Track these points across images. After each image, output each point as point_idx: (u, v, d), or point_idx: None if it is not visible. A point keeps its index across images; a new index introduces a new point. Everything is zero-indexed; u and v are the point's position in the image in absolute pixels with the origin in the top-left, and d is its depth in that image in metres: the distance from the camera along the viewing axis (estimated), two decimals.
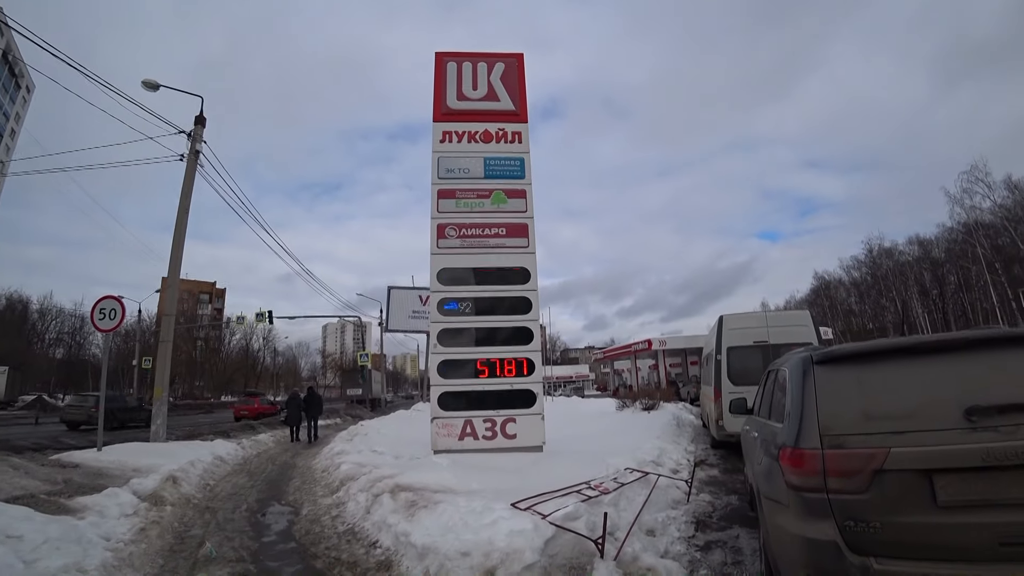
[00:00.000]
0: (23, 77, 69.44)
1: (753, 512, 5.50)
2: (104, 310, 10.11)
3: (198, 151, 13.62)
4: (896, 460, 2.56)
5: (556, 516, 4.18)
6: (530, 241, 9.51)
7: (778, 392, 3.69)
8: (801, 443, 2.80)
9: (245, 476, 9.55)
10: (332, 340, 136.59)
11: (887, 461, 2.56)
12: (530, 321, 9.18)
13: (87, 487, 7.24)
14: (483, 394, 8.82)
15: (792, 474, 2.80)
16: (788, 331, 9.53)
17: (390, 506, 5.20)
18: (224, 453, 11.05)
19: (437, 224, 9.48)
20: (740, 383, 9.34)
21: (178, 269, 12.87)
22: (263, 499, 7.52)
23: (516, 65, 10.58)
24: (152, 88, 13.86)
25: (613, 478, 6.02)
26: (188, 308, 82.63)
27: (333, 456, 9.74)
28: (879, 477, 2.56)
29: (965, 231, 43.83)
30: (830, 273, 65.38)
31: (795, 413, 2.97)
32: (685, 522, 5.25)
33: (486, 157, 9.92)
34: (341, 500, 6.46)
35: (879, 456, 2.58)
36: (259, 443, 14.32)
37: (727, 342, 9.80)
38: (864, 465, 2.59)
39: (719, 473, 8.27)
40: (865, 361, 2.93)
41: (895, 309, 53.68)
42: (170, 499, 6.82)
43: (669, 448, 9.14)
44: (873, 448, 2.61)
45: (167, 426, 12.43)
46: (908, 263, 54.13)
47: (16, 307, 59.53)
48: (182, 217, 12.98)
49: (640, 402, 16.81)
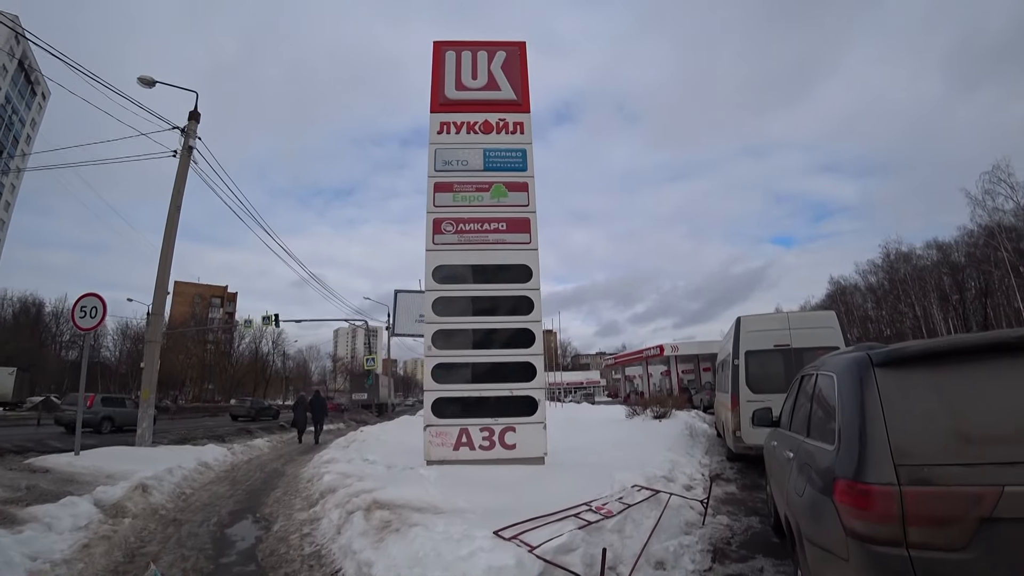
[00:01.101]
0: (39, 84, 70.34)
1: (778, 539, 4.82)
2: (85, 308, 9.65)
3: (191, 147, 13.18)
4: (1013, 504, 1.84)
5: (546, 548, 3.51)
6: (532, 237, 8.90)
7: (816, 403, 2.99)
8: (867, 475, 2.09)
9: (227, 484, 8.97)
10: (343, 344, 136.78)
11: (999, 505, 1.84)
12: (532, 322, 8.55)
13: (49, 494, 6.75)
14: (480, 400, 8.21)
15: (854, 518, 2.09)
16: (812, 334, 8.77)
17: (360, 527, 4.57)
18: (211, 459, 10.51)
19: (433, 219, 8.92)
20: (760, 390, 8.63)
21: (168, 268, 12.40)
22: (237, 511, 6.93)
23: (518, 53, 10.01)
24: (148, 84, 13.53)
25: (618, 497, 5.34)
26: (200, 312, 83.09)
27: (321, 464, 9.14)
28: (987, 528, 1.85)
29: (987, 234, 42.48)
30: (846, 278, 63.94)
31: (851, 433, 2.26)
32: (700, 551, 4.55)
33: (486, 148, 9.34)
34: (317, 516, 5.84)
35: (988, 498, 1.86)
36: (252, 448, 13.79)
37: (745, 346, 9.06)
38: (965, 510, 1.88)
39: (737, 490, 7.56)
40: (951, 363, 2.20)
41: (913, 315, 52.31)
42: (133, 510, 6.26)
43: (682, 461, 8.45)
44: (978, 486, 1.90)
45: (159, 430, 11.96)
46: (927, 267, 52.71)
47: (30, 310, 60.11)
48: (173, 215, 12.53)
49: (651, 410, 16.09)
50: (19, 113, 68.40)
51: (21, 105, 68.93)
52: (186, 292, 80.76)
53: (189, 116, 13.56)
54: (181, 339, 60.20)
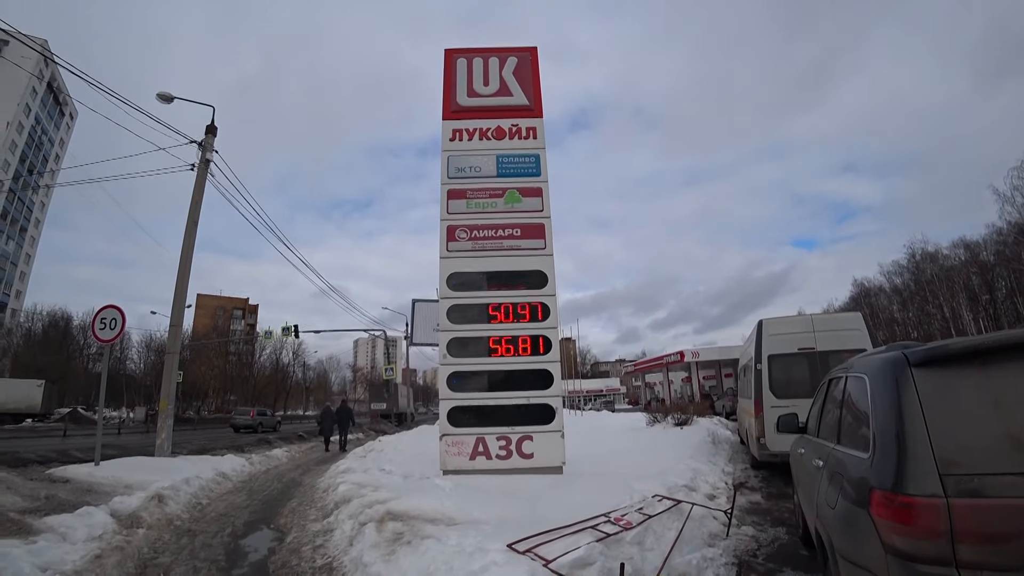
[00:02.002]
0: (67, 105, 72.45)
1: (807, 551, 4.59)
2: (105, 320, 9.75)
3: (209, 160, 13.34)
4: None
5: (561, 563, 3.36)
6: (547, 242, 8.78)
7: (847, 408, 2.80)
8: (908, 486, 1.90)
9: (244, 495, 8.94)
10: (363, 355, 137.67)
11: None
12: (548, 328, 8.41)
13: (68, 504, 6.80)
14: (497, 409, 8.08)
15: (895, 534, 1.90)
16: (838, 336, 8.48)
17: (372, 539, 4.46)
18: (229, 469, 10.52)
19: (447, 226, 8.86)
20: (784, 396, 8.37)
21: (186, 280, 12.50)
22: (252, 521, 6.87)
23: (529, 59, 9.95)
24: (166, 100, 13.79)
25: (638, 508, 5.15)
26: (222, 324, 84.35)
27: (337, 474, 9.08)
28: None
29: (1017, 231, 41.26)
30: (870, 280, 62.56)
31: (888, 440, 2.08)
32: (725, 564, 4.34)
33: (499, 154, 9.27)
34: (330, 526, 5.74)
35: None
36: (270, 458, 13.78)
37: (768, 350, 8.79)
38: (1022, 526, 1.70)
39: (762, 499, 7.30)
40: (998, 360, 2.01)
41: (942, 316, 50.92)
42: (148, 520, 6.23)
43: (704, 469, 8.21)
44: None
45: (181, 440, 12.03)
46: (954, 267, 51.33)
47: (59, 324, 61.52)
48: (191, 227, 12.67)
49: (672, 417, 15.76)
50: (48, 133, 70.47)
51: (50, 126, 71.04)
52: (208, 305, 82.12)
53: (206, 130, 13.73)
54: (203, 351, 61.05)
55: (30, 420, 35.72)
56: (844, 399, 3.00)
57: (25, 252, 68.68)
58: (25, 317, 62.70)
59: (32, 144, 66.40)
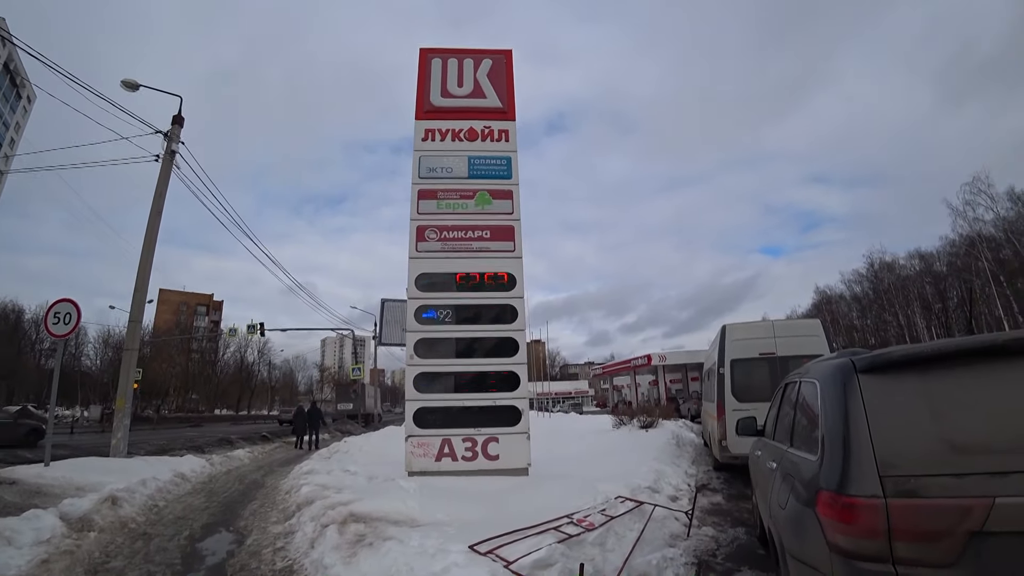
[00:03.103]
0: (24, 88, 69.51)
1: (764, 550, 4.72)
2: (59, 314, 9.38)
3: (174, 151, 12.99)
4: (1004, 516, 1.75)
5: (523, 564, 3.39)
6: (516, 245, 8.82)
7: (800, 412, 2.90)
8: (850, 487, 1.99)
9: (203, 496, 8.72)
10: (331, 354, 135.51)
11: (990, 518, 1.75)
12: (515, 331, 8.45)
13: (14, 507, 6.52)
14: (463, 410, 8.08)
15: (838, 533, 1.98)
16: (797, 342, 8.75)
17: (333, 541, 4.41)
18: (188, 470, 10.25)
19: (416, 226, 8.82)
20: (745, 399, 8.57)
21: (147, 274, 12.12)
22: (211, 524, 6.71)
23: (504, 62, 9.98)
24: (132, 88, 13.36)
25: (601, 509, 5.22)
26: (185, 320, 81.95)
27: (301, 476, 8.92)
28: (977, 542, 1.76)
29: (968, 243, 43.13)
30: (831, 288, 64.49)
31: (835, 442, 2.17)
32: (684, 564, 4.43)
33: (470, 156, 9.28)
34: (292, 529, 5.65)
35: (977, 510, 1.77)
36: (231, 459, 13.46)
37: (730, 354, 9.01)
38: (954, 524, 1.79)
39: (723, 500, 7.47)
40: (936, 367, 2.12)
41: (897, 323, 52.83)
42: (101, 523, 6.02)
43: (667, 471, 8.35)
44: (967, 498, 1.81)
45: (138, 441, 11.66)
46: (910, 277, 53.36)
47: (9, 316, 58.84)
48: (154, 219, 12.30)
49: (638, 419, 15.96)
50: (3, 116, 67.49)
51: (5, 108, 68.02)
52: (171, 300, 79.60)
53: (173, 120, 13.37)
54: (165, 348, 59.24)
55: None
56: (798, 403, 3.11)
57: None
58: None
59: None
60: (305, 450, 17.45)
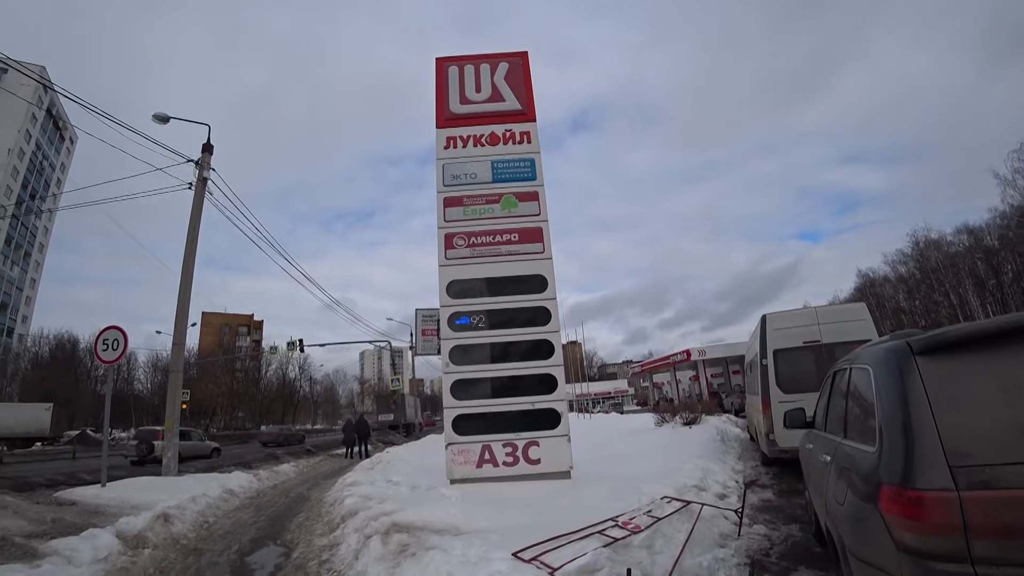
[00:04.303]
0: (67, 130, 73.03)
1: (821, 548, 4.51)
2: (107, 341, 9.74)
3: (206, 178, 13.37)
4: None
5: (568, 570, 3.30)
6: (545, 246, 8.73)
7: (852, 400, 2.73)
8: (917, 480, 1.83)
9: (252, 511, 8.89)
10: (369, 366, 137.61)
11: None
12: (550, 333, 8.35)
13: (74, 527, 6.74)
14: (501, 415, 8.00)
15: (906, 530, 1.82)
16: (843, 327, 8.40)
17: (377, 552, 4.41)
18: (236, 486, 10.48)
19: (444, 234, 8.82)
20: (791, 390, 8.27)
21: (187, 297, 12.50)
22: (259, 538, 6.82)
23: (521, 64, 9.93)
24: (162, 121, 13.84)
25: (647, 511, 5.08)
26: (228, 341, 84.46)
27: (344, 487, 9.01)
28: None
29: (1020, 213, 40.98)
30: (875, 270, 62.15)
31: (895, 432, 2.00)
32: (737, 564, 4.26)
33: (493, 160, 9.24)
34: (336, 540, 5.69)
35: None
36: (278, 474, 13.74)
37: (773, 344, 8.71)
38: None
39: (773, 496, 7.21)
40: (1002, 345, 1.93)
41: (949, 303, 50.54)
42: (154, 540, 6.19)
43: (714, 468, 8.12)
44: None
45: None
46: (959, 254, 50.97)
47: (65, 346, 61.76)
48: (191, 245, 12.68)
49: (680, 416, 15.62)
50: (49, 158, 71.03)
51: (51, 151, 71.61)
52: (213, 322, 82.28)
53: (202, 148, 13.78)
54: (210, 368, 61.12)
55: (39, 444, 35.74)
56: (849, 391, 2.94)
57: (30, 277, 69.09)
58: (32, 341, 63.00)
59: (33, 170, 66.91)
60: (355, 460, 18.26)
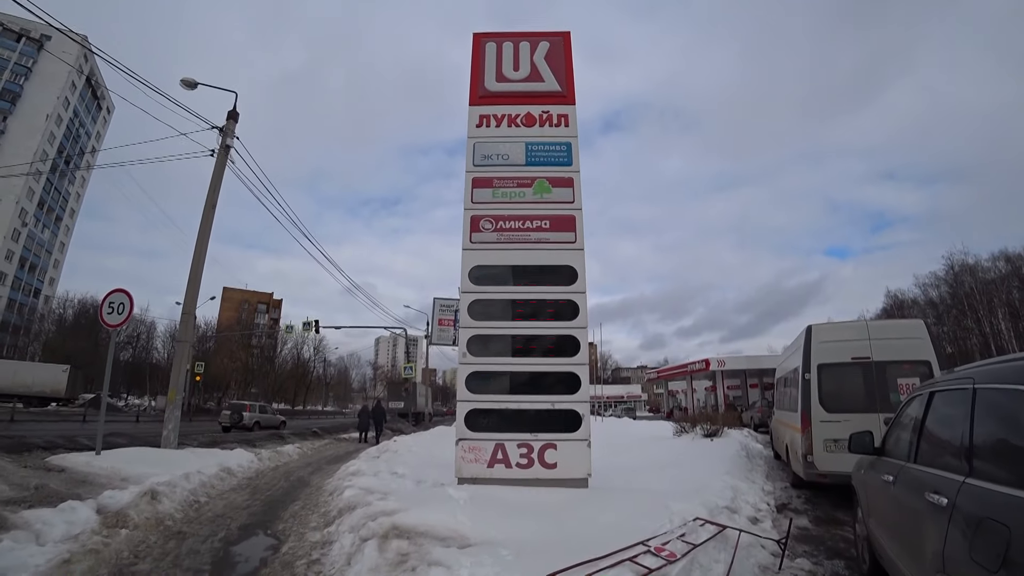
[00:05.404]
0: (104, 99, 74.12)
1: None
2: (113, 304, 9.40)
3: (229, 146, 13.00)
4: None
5: None
6: (577, 236, 8.13)
7: (988, 430, 2.11)
8: None
9: (247, 493, 8.45)
10: (384, 353, 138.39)
11: None
12: (576, 329, 7.75)
13: (56, 496, 6.35)
14: (518, 414, 7.43)
15: None
16: (897, 345, 7.66)
17: (372, 560, 3.87)
18: (235, 464, 10.06)
19: (471, 216, 8.26)
20: (835, 409, 7.59)
21: (200, 266, 12.14)
22: (249, 525, 6.34)
23: (562, 44, 9.32)
24: (190, 86, 13.55)
25: (680, 535, 4.47)
26: (246, 317, 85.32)
27: (346, 476, 8.54)
28: None
29: None
30: (904, 292, 60.12)
31: None
32: None
33: (528, 142, 8.65)
34: (330, 538, 5.17)
35: None
36: (281, 455, 13.35)
37: (818, 358, 7.98)
38: None
39: (810, 523, 6.53)
40: None
41: (980, 332, 48.64)
42: (136, 519, 5.73)
43: (743, 487, 7.46)
44: None
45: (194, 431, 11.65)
46: (994, 281, 49.00)
47: (88, 311, 62.72)
48: (208, 212, 12.33)
49: (701, 427, 14.93)
50: (85, 126, 72.20)
51: (88, 119, 72.77)
52: (233, 298, 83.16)
53: (228, 116, 13.42)
54: (227, 343, 61.59)
55: (55, 404, 36.28)
56: (974, 416, 2.31)
57: (60, 241, 70.40)
58: (57, 304, 64.21)
59: (70, 136, 68.06)
60: (369, 443, 18.74)
